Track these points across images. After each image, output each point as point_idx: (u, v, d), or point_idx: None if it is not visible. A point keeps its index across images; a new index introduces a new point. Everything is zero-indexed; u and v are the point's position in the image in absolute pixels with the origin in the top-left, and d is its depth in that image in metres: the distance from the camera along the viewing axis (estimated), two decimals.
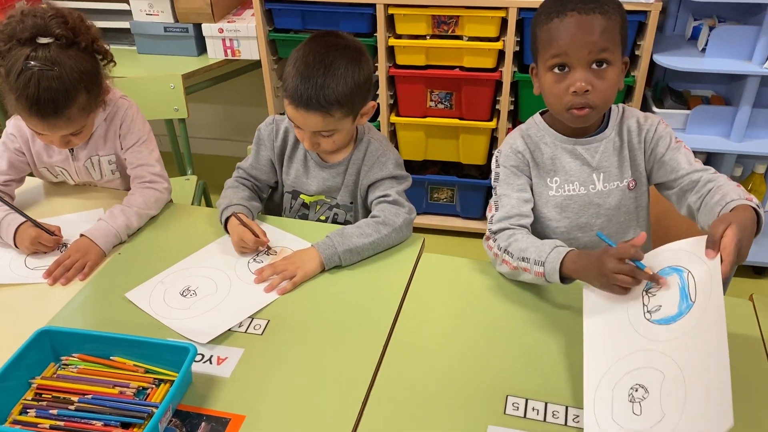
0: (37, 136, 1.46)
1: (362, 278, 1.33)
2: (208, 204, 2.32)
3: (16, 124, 1.54)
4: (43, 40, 1.32)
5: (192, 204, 2.08)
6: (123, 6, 2.48)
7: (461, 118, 2.34)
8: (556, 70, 1.18)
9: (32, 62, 1.30)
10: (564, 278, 1.16)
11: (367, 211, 1.52)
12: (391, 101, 2.38)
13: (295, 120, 1.36)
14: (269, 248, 1.39)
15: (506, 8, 2.10)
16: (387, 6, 2.17)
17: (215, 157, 3.21)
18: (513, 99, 2.27)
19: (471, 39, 2.19)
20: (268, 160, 1.52)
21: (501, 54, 2.21)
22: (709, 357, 0.90)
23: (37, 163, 1.58)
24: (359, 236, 1.36)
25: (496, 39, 2.18)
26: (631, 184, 1.32)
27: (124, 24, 2.50)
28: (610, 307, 1.07)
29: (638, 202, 1.35)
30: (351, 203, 1.52)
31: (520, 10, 2.09)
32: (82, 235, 1.40)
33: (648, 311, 1.03)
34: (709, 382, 0.88)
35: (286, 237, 1.45)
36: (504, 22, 2.15)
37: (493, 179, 1.33)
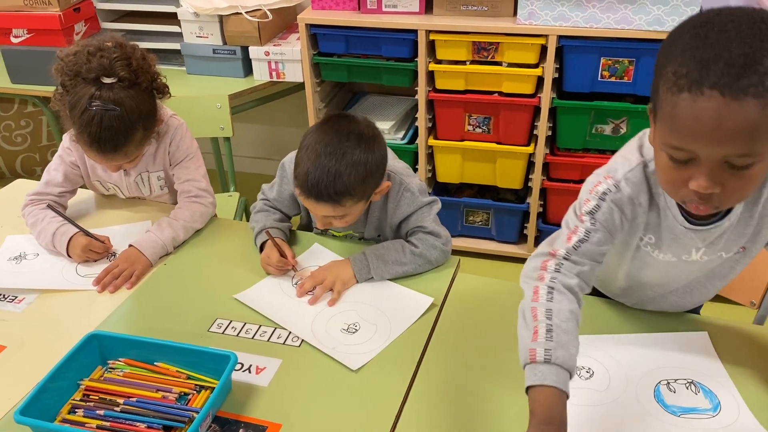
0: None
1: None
2: (248, 220, 2.37)
3: (72, 138, 1.61)
4: (107, 80, 1.39)
5: (234, 219, 2.15)
6: (175, 28, 2.58)
7: (499, 143, 2.36)
8: (674, 156, 0.88)
9: (96, 102, 1.37)
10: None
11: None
12: (430, 124, 2.42)
13: (305, 204, 1.37)
14: (295, 269, 1.43)
15: (546, 36, 2.13)
16: (428, 32, 2.22)
17: (257, 176, 3.27)
18: (551, 125, 2.29)
19: (510, 65, 2.22)
20: (291, 195, 1.52)
21: (540, 80, 2.23)
22: None
23: (91, 176, 1.66)
24: (394, 263, 1.38)
25: (536, 65, 2.21)
26: (740, 250, 1.10)
27: (175, 45, 2.60)
28: None
29: (738, 265, 1.15)
30: (378, 236, 1.53)
31: (560, 37, 2.12)
32: (130, 246, 1.46)
33: None
34: None
35: (318, 252, 1.49)
36: (543, 49, 2.17)
37: (585, 203, 1.05)
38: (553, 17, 2.09)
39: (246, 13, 2.44)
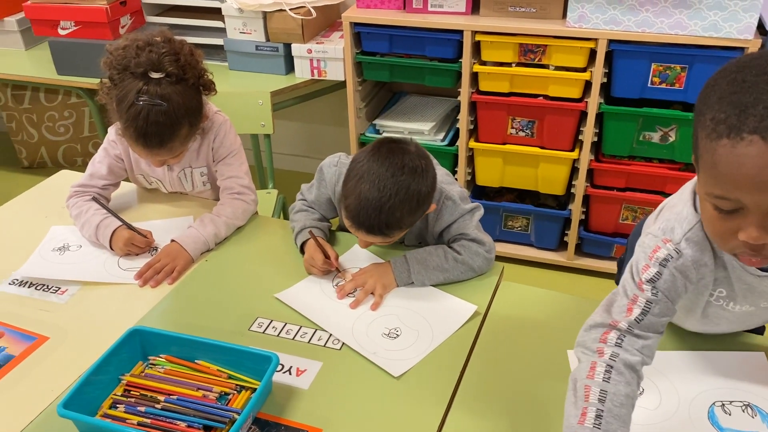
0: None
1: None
2: (286, 217, 2.37)
3: (117, 130, 1.62)
4: (154, 75, 1.39)
5: (272, 216, 2.14)
6: (218, 24, 2.59)
7: (542, 147, 2.31)
8: (720, 206, 0.83)
9: (143, 97, 1.37)
10: None
11: None
12: (471, 126, 2.39)
13: (352, 232, 1.33)
14: (338, 271, 1.41)
15: (596, 39, 2.08)
16: (474, 33, 2.18)
17: (294, 173, 3.28)
18: (597, 130, 2.24)
19: (557, 68, 2.17)
20: (328, 199, 1.50)
21: (587, 84, 2.18)
22: None
23: (135, 170, 1.66)
24: (436, 269, 1.36)
25: (583, 69, 2.16)
26: None
27: (218, 41, 2.61)
28: None
29: None
30: (419, 243, 1.50)
31: (611, 42, 2.06)
32: (172, 241, 1.46)
33: None
34: None
35: (358, 252, 1.47)
36: (593, 53, 2.12)
37: (644, 270, 0.97)
38: (604, 21, 2.04)
39: (290, 10, 2.43)
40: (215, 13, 2.58)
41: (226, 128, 1.62)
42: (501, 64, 2.22)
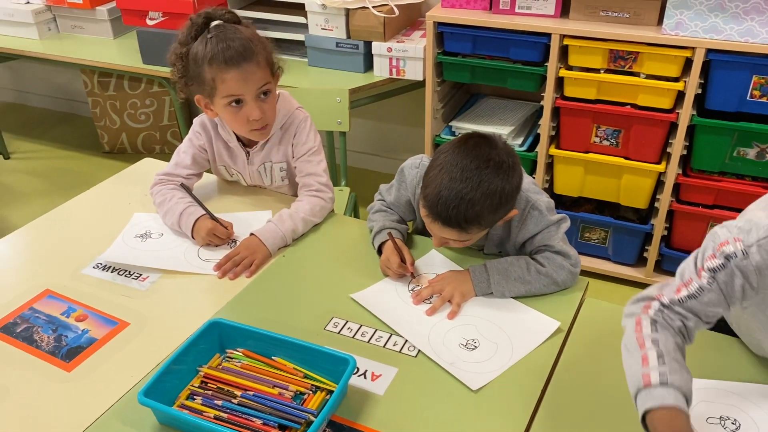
0: (236, 116, 1.48)
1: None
2: (356, 215, 2.36)
3: (202, 122, 1.64)
4: (215, 23, 1.44)
5: (344, 214, 2.13)
6: (300, 19, 2.60)
7: (627, 158, 2.22)
8: None
9: (212, 32, 1.42)
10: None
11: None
12: (553, 133, 2.32)
13: (427, 225, 1.29)
14: (413, 276, 1.38)
15: (693, 48, 1.97)
16: (563, 36, 2.11)
17: (366, 171, 3.28)
18: (687, 143, 2.13)
19: (648, 77, 2.07)
20: (407, 201, 1.48)
21: (680, 95, 2.08)
22: None
23: (218, 161, 1.68)
24: (517, 280, 1.31)
25: (676, 79, 2.06)
26: None
27: (299, 36, 2.62)
28: None
29: None
30: (500, 252, 1.46)
31: (709, 51, 1.96)
32: (252, 234, 1.46)
33: None
34: None
35: (435, 258, 1.44)
36: (688, 62, 2.02)
37: (709, 258, 0.95)
38: (703, 29, 1.94)
39: (373, 7, 2.42)
40: (298, 8, 2.59)
41: (307, 125, 1.62)
42: (588, 70, 2.14)
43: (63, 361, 1.17)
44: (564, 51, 2.16)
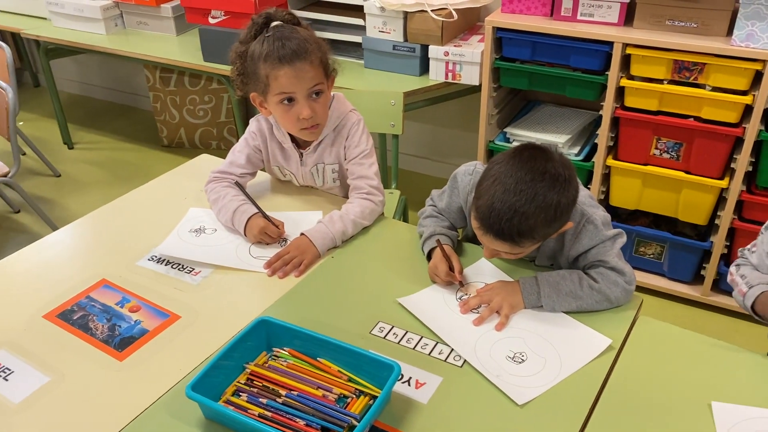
0: (287, 114, 1.50)
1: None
2: (405, 219, 2.36)
3: (258, 123, 1.66)
4: (275, 24, 1.47)
5: (393, 218, 2.13)
6: (358, 21, 2.61)
7: (688, 172, 2.15)
8: None
9: (270, 31, 1.46)
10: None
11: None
12: (611, 143, 2.26)
13: (479, 236, 1.26)
14: (462, 284, 1.36)
15: (764, 61, 1.89)
16: (625, 45, 2.06)
17: (417, 175, 3.27)
18: (753, 159, 2.05)
19: (714, 89, 2.00)
20: (459, 208, 1.47)
21: (747, 109, 2.00)
22: None
23: (272, 161, 1.70)
24: (568, 295, 1.28)
25: (744, 93, 1.98)
26: None
27: (356, 38, 2.63)
28: None
29: None
30: (551, 265, 1.43)
31: None
32: (302, 234, 1.47)
33: None
34: None
35: (485, 267, 1.42)
36: (758, 75, 1.94)
37: None
38: None
39: (431, 11, 2.41)
40: (357, 10, 2.61)
41: (360, 128, 1.62)
42: (651, 80, 2.08)
43: (116, 350, 1.20)
44: (626, 60, 2.10)
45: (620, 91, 2.15)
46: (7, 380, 1.14)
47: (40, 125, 3.91)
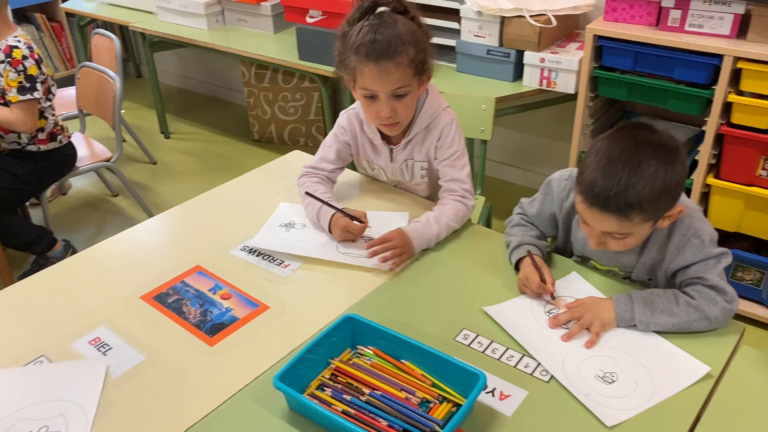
0: (368, 108, 1.51)
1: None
2: (489, 227, 2.32)
3: (348, 118, 1.67)
4: (381, 9, 1.44)
5: (477, 223, 2.10)
6: (453, 25, 2.60)
7: None
8: None
9: (371, 19, 1.43)
10: None
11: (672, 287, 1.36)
12: (713, 161, 2.15)
13: (585, 216, 1.23)
14: (553, 296, 1.32)
15: None
16: (737, 59, 1.95)
17: (503, 182, 3.22)
18: None
19: None
20: (552, 215, 1.43)
21: None
22: None
23: (361, 155, 1.70)
24: (664, 312, 1.22)
25: None
26: None
27: (450, 42, 2.62)
28: None
29: None
30: (649, 279, 1.37)
31: None
32: (400, 229, 1.45)
33: None
34: None
35: (576, 281, 1.38)
36: None
37: None
38: None
39: (530, 16, 2.36)
40: (452, 14, 2.59)
41: (453, 128, 1.60)
42: (763, 97, 1.97)
43: (207, 335, 1.24)
44: (736, 74, 2.00)
45: (727, 107, 2.04)
46: (106, 356, 1.20)
47: (140, 114, 4.11)
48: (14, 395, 1.12)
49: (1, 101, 2.33)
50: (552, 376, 1.15)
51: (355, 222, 1.49)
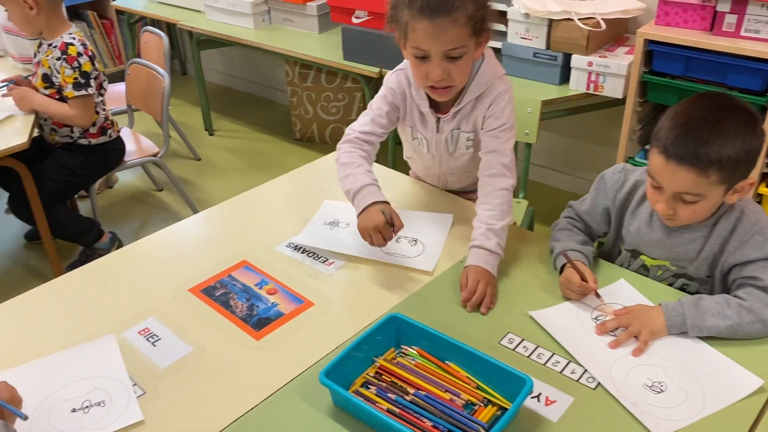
0: (418, 68, 1.41)
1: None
2: (530, 230, 2.30)
3: (398, 80, 1.55)
4: None
5: (519, 227, 2.08)
6: (500, 27, 2.58)
7: None
8: None
9: None
10: None
11: (725, 290, 1.33)
12: (766, 170, 2.09)
13: (660, 174, 1.22)
14: (598, 296, 1.30)
15: None
16: None
17: (546, 187, 3.19)
18: None
19: None
20: (605, 209, 1.41)
21: None
22: None
23: (407, 120, 1.60)
24: (716, 315, 1.20)
25: None
26: None
27: (496, 44, 2.60)
28: None
29: None
30: (708, 277, 1.35)
31: None
32: (478, 267, 1.35)
33: None
34: None
35: (624, 289, 1.35)
36: None
37: None
38: None
39: (578, 19, 2.34)
40: (499, 16, 2.58)
41: (506, 99, 1.49)
42: None
43: (253, 329, 1.26)
44: None
45: None
46: (155, 346, 1.22)
47: (185, 111, 4.18)
48: (41, 385, 1.14)
49: (57, 96, 2.40)
50: (599, 383, 1.13)
51: (387, 228, 1.37)
